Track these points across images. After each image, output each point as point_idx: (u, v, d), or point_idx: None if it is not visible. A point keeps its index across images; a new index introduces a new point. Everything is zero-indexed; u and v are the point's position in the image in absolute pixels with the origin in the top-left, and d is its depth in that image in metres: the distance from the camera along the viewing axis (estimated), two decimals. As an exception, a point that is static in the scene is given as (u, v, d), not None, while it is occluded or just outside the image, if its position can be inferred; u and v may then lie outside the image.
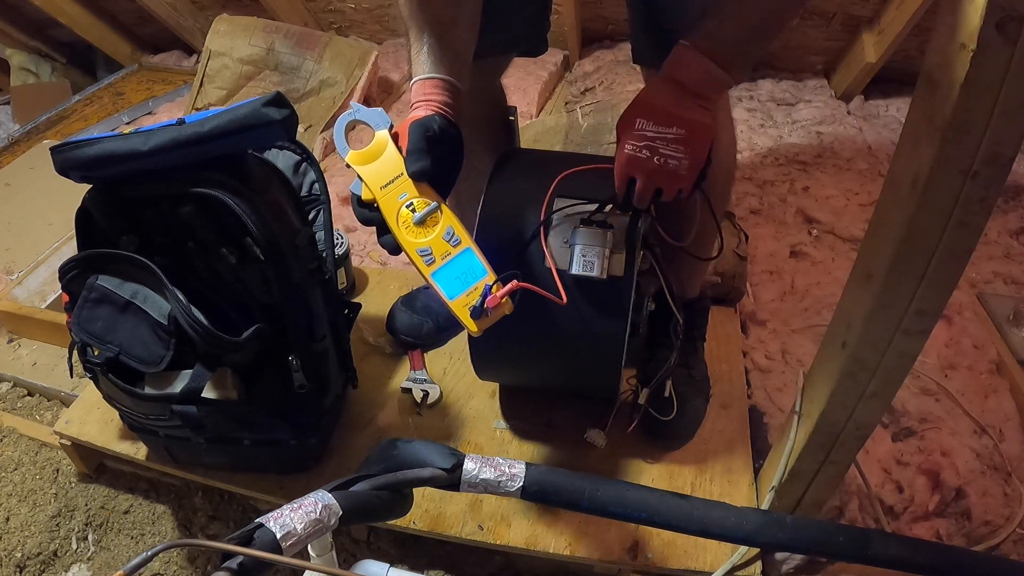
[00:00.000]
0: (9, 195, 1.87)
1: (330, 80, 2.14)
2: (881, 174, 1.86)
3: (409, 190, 0.79)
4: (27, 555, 1.15)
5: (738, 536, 0.77)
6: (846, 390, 0.77)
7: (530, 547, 1.00)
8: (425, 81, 0.82)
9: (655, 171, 0.81)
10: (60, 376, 1.39)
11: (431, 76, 0.82)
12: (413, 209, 0.79)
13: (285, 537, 0.54)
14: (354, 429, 1.16)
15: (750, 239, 1.57)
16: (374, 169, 0.80)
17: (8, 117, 2.65)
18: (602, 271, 0.89)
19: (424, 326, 1.29)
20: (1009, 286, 1.53)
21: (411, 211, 0.79)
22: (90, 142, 0.83)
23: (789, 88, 2.25)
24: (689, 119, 0.79)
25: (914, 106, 0.61)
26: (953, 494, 1.13)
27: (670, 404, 1.07)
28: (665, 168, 0.80)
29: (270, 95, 0.82)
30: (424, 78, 0.82)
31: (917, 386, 1.30)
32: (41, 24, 2.67)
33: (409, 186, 0.79)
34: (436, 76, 0.82)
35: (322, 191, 1.15)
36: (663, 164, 0.80)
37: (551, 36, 1.14)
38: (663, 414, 1.07)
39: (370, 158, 0.81)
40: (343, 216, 1.73)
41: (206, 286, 0.90)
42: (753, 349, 1.36)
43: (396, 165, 0.80)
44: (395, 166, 0.80)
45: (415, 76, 0.84)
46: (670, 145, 0.79)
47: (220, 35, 2.20)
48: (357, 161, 0.81)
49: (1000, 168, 0.55)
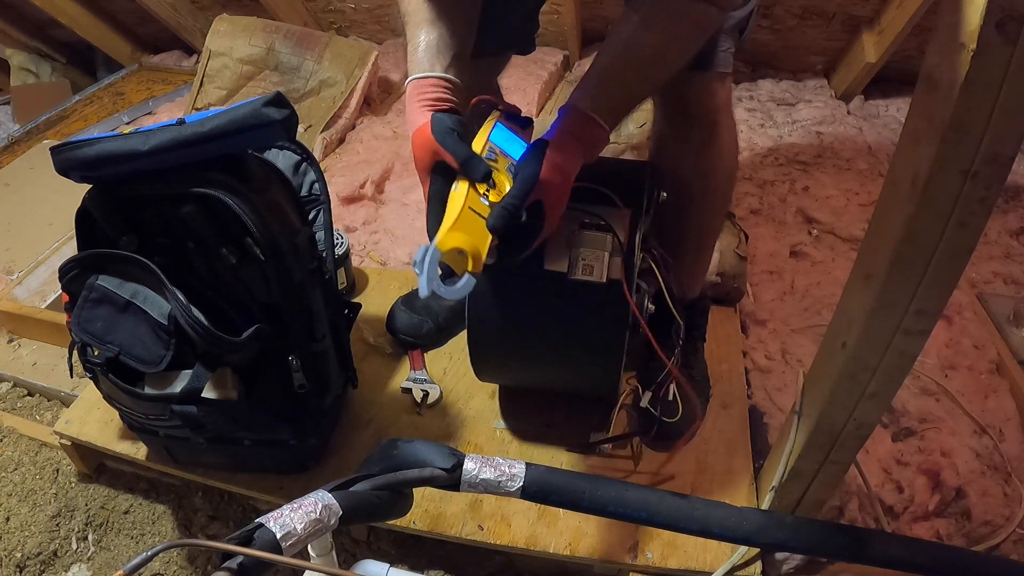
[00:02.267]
0: (9, 195, 1.87)
1: (330, 80, 2.14)
2: (881, 174, 1.86)
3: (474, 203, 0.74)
4: (27, 555, 1.15)
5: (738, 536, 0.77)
6: (846, 390, 0.76)
7: (530, 547, 1.00)
8: (422, 80, 0.82)
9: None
10: (60, 376, 1.39)
11: (429, 75, 0.82)
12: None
13: (285, 537, 0.54)
14: (354, 429, 1.16)
15: (750, 239, 1.57)
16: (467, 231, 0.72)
17: (8, 117, 2.65)
18: (602, 275, 0.89)
19: (424, 326, 1.29)
20: (1009, 286, 1.53)
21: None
22: (90, 142, 0.83)
23: (789, 88, 2.25)
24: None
25: (914, 106, 0.61)
26: (953, 494, 1.13)
27: (675, 406, 1.07)
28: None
29: (270, 95, 0.82)
30: (421, 76, 0.82)
31: (917, 386, 1.30)
32: (41, 24, 2.67)
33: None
34: (434, 75, 0.82)
35: (322, 191, 1.15)
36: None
37: (551, 36, 1.14)
38: (668, 416, 1.07)
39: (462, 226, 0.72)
40: (343, 216, 1.73)
41: (206, 286, 0.90)
42: (753, 349, 1.36)
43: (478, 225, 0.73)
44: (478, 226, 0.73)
45: (412, 74, 0.83)
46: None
47: (220, 35, 2.19)
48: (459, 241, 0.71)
49: (1000, 168, 0.55)
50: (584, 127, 0.78)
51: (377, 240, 1.68)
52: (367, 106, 2.23)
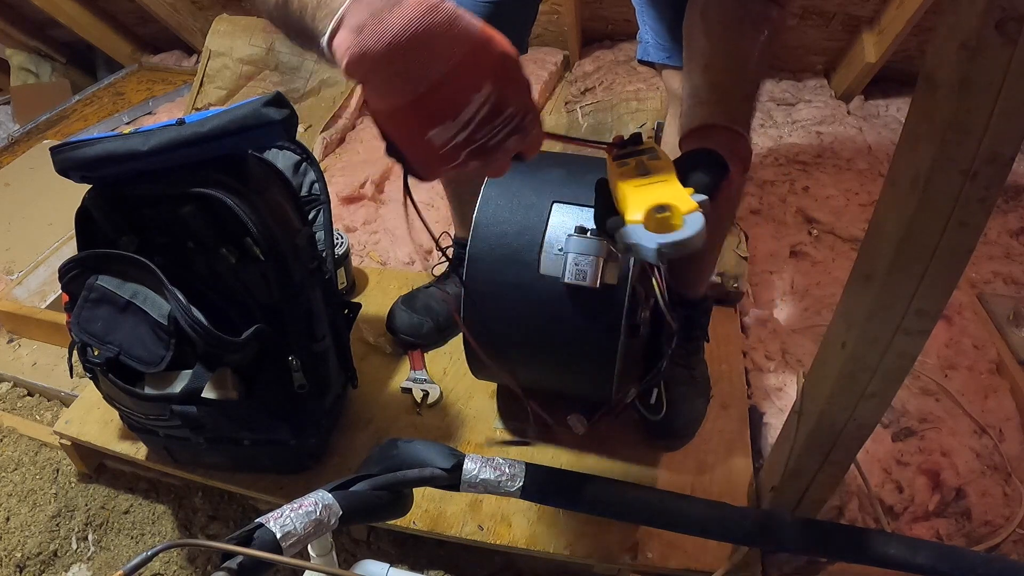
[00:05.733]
0: (9, 195, 1.87)
1: (330, 80, 2.14)
2: (881, 174, 1.86)
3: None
4: (27, 555, 1.15)
5: (738, 536, 0.77)
6: (846, 390, 0.76)
7: (530, 547, 1.00)
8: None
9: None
10: (60, 376, 1.39)
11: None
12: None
13: (285, 537, 0.54)
14: (354, 429, 1.16)
15: (750, 239, 1.57)
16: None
17: (8, 117, 2.65)
18: (595, 280, 0.89)
19: (424, 326, 1.29)
20: (1009, 286, 1.53)
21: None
22: (90, 142, 0.83)
23: (789, 88, 2.25)
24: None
25: (914, 106, 0.60)
26: (953, 494, 1.13)
27: (658, 406, 1.07)
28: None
29: (270, 95, 0.82)
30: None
31: (917, 386, 1.30)
32: (41, 24, 2.67)
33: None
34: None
35: (322, 191, 1.15)
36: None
37: (551, 36, 1.14)
38: (651, 414, 1.07)
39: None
40: (343, 216, 1.73)
41: (206, 286, 0.90)
42: (753, 349, 1.36)
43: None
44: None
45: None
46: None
47: (220, 35, 2.19)
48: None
49: (1000, 168, 0.55)
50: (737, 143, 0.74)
51: (377, 240, 1.68)
52: (367, 106, 2.23)
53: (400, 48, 0.45)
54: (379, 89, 0.49)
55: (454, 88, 0.48)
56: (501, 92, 0.49)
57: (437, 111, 0.49)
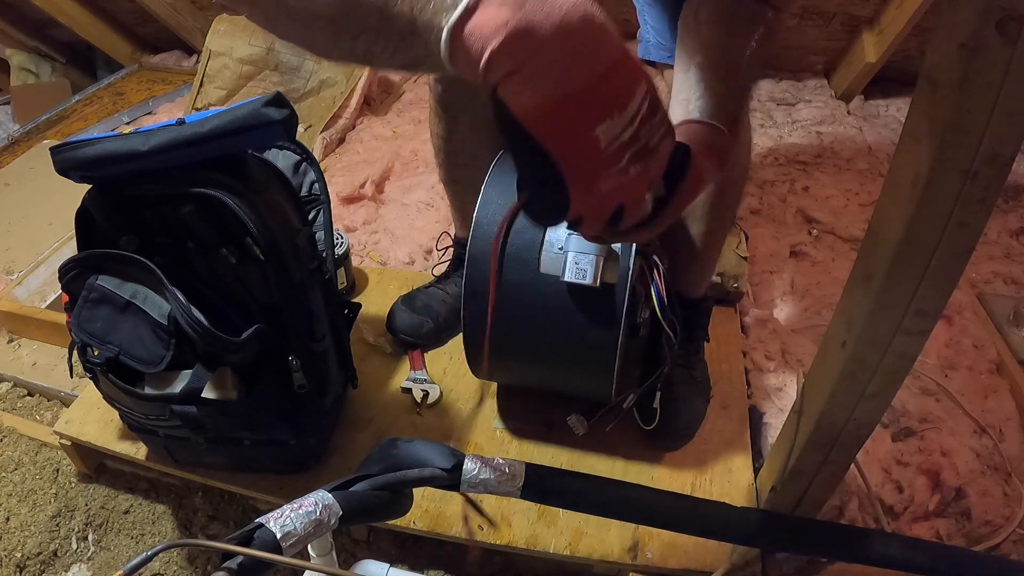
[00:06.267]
0: (9, 195, 1.87)
1: (330, 80, 2.14)
2: (881, 174, 1.86)
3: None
4: (27, 555, 1.15)
5: (738, 536, 0.77)
6: (846, 390, 0.76)
7: (530, 547, 1.00)
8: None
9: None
10: (60, 376, 1.39)
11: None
12: None
13: (285, 537, 0.54)
14: (354, 429, 1.16)
15: (750, 239, 1.57)
16: None
17: (8, 117, 2.65)
18: (595, 278, 0.89)
19: (424, 326, 1.29)
20: (1009, 286, 1.53)
21: None
22: (90, 142, 0.83)
23: (789, 88, 2.25)
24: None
25: (914, 106, 0.61)
26: (953, 494, 1.13)
27: (653, 415, 1.07)
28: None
29: (270, 95, 0.82)
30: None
31: (917, 386, 1.30)
32: (41, 24, 2.67)
33: None
34: None
35: (322, 191, 1.15)
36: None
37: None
38: (645, 423, 1.07)
39: None
40: (343, 216, 1.73)
41: (206, 286, 0.90)
42: (753, 349, 1.36)
43: None
44: None
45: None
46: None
47: (220, 35, 2.19)
48: None
49: (1000, 168, 0.55)
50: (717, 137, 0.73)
51: (377, 240, 1.68)
52: (367, 106, 2.23)
53: (571, 27, 0.39)
54: (542, 75, 0.41)
55: (623, 75, 0.42)
56: (651, 84, 0.44)
57: (608, 101, 0.42)
